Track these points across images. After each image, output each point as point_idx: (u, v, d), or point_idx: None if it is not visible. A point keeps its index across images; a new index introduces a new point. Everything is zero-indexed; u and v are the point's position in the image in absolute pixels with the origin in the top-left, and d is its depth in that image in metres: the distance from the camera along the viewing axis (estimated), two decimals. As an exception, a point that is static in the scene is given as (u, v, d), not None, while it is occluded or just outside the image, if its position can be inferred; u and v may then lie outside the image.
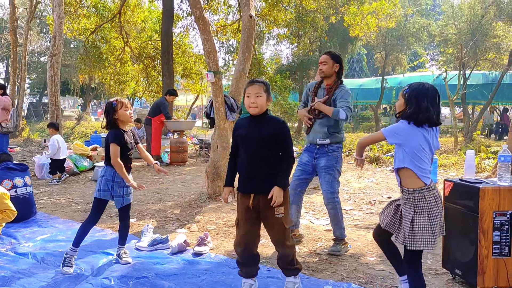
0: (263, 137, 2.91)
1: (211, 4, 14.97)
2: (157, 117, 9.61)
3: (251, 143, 2.96)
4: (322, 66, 4.10)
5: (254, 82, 2.98)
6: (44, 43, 27.35)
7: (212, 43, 5.70)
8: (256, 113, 2.96)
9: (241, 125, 3.08)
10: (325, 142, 4.03)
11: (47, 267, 3.60)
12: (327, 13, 15.77)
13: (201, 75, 17.59)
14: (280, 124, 2.96)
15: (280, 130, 2.92)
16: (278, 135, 2.91)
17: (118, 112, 3.53)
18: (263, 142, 2.91)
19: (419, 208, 2.63)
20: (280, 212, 2.91)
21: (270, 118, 3.02)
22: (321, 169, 4.03)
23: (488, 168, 8.51)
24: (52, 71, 10.69)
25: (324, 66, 4.08)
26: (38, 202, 5.95)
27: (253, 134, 2.95)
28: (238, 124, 3.14)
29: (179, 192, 6.66)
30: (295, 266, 3.07)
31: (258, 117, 2.99)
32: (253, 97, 2.92)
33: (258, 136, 2.92)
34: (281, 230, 2.96)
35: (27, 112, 27.55)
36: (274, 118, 3.05)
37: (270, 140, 2.90)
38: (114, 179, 3.58)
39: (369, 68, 36.77)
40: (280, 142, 2.92)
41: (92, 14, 15.33)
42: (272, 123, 2.96)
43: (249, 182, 2.97)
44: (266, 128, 2.93)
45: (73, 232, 4.57)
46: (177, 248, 3.97)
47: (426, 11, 23.50)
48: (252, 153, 2.96)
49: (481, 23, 16.54)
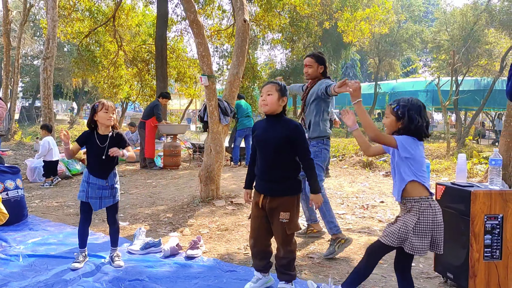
0: (275, 140, 2.92)
1: (206, 8, 15.03)
2: (150, 119, 9.59)
3: (264, 145, 2.99)
4: (307, 69, 4.22)
5: (269, 82, 3.03)
6: (37, 47, 27.24)
7: (206, 47, 5.71)
8: (267, 111, 2.97)
9: (258, 126, 3.11)
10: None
11: (38, 270, 3.57)
12: (321, 19, 15.87)
13: (195, 79, 17.62)
14: (292, 126, 2.94)
15: (292, 132, 2.91)
16: (291, 138, 2.91)
17: (98, 114, 3.55)
18: (275, 145, 2.92)
19: (424, 216, 2.60)
20: (285, 217, 2.92)
21: (284, 120, 3.00)
22: None
23: (480, 173, 8.57)
24: (45, 74, 10.64)
25: (310, 69, 4.21)
26: (29, 205, 5.91)
27: (266, 136, 2.97)
28: (256, 125, 3.16)
29: (172, 196, 6.64)
30: (290, 272, 3.06)
31: (272, 119, 3.00)
32: (264, 95, 2.96)
33: (271, 139, 2.94)
34: (282, 234, 2.97)
35: (20, 116, 27.42)
36: (288, 121, 3.00)
37: (283, 143, 2.90)
38: (89, 181, 3.59)
39: (363, 74, 36.98)
40: (295, 145, 2.93)
41: (86, 18, 15.33)
42: (286, 125, 2.95)
43: (261, 183, 3.03)
44: (279, 130, 2.93)
45: (65, 235, 4.57)
46: (170, 252, 3.95)
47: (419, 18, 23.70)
48: (264, 155, 2.99)
49: (473, 29, 16.70)
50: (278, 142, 2.91)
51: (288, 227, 2.95)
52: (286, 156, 2.94)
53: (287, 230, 2.95)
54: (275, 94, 2.94)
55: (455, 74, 15.57)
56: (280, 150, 2.92)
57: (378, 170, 9.29)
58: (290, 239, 3.02)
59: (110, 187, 3.63)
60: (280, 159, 2.94)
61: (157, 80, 13.77)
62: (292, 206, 2.97)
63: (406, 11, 21.19)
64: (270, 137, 2.94)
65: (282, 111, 3.01)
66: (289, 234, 2.98)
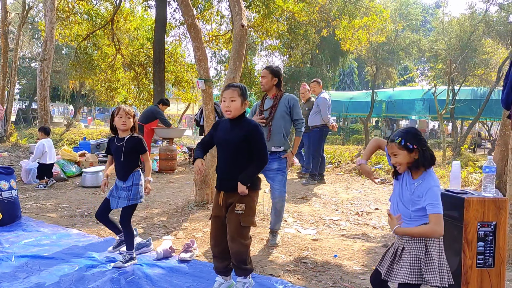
0: (236, 141, 2.96)
1: (204, 14, 15.07)
2: (149, 124, 9.58)
3: (225, 146, 3.04)
4: (262, 79, 4.50)
5: (229, 86, 3.04)
6: (35, 49, 27.21)
7: (203, 51, 5.72)
8: (231, 117, 3.02)
9: (220, 126, 3.13)
10: (279, 149, 4.41)
11: (30, 271, 3.55)
12: (319, 26, 15.94)
13: (192, 84, 17.64)
14: (251, 127, 2.99)
15: (250, 133, 2.95)
16: (249, 136, 2.95)
17: (115, 119, 3.80)
18: (235, 146, 2.97)
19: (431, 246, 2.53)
20: (240, 209, 2.96)
21: (244, 121, 3.05)
22: (275, 171, 4.40)
23: (475, 182, 8.59)
24: (42, 76, 10.63)
25: (264, 80, 4.48)
26: (23, 206, 5.88)
27: (228, 137, 3.01)
28: (219, 124, 3.18)
29: (166, 200, 6.62)
30: (246, 266, 3.07)
31: (234, 121, 3.05)
32: (227, 101, 2.99)
33: (232, 140, 2.98)
34: (236, 226, 2.97)
35: (16, 118, 27.33)
36: (249, 122, 3.05)
37: (243, 142, 2.95)
38: (116, 182, 3.86)
39: (360, 81, 37.08)
40: (251, 144, 2.96)
41: (84, 21, 15.34)
42: (245, 126, 3.00)
43: (222, 182, 3.07)
44: (239, 131, 2.97)
45: (58, 236, 4.55)
46: (163, 254, 3.94)
47: (416, 27, 23.84)
48: (225, 155, 3.04)
49: (471, 39, 16.80)
50: (238, 143, 2.96)
51: (242, 219, 2.97)
52: (246, 155, 2.99)
53: (241, 222, 2.97)
54: (238, 99, 2.99)
55: (452, 83, 15.64)
56: (240, 150, 2.97)
57: (374, 177, 9.29)
58: (244, 233, 3.03)
59: (127, 188, 3.76)
60: (240, 158, 2.99)
61: (154, 84, 13.77)
62: (249, 200, 3.01)
63: (404, 20, 21.30)
64: (231, 138, 2.99)
65: (243, 112, 3.07)
66: (243, 226, 2.99)
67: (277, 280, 3.52)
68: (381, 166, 10.10)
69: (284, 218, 5.55)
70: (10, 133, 15.83)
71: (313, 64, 20.00)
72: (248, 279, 3.10)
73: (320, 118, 7.79)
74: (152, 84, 14.74)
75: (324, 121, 7.78)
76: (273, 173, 4.41)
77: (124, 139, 3.78)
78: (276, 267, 3.87)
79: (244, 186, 2.93)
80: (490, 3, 16.22)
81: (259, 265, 3.87)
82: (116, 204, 3.77)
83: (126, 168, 3.78)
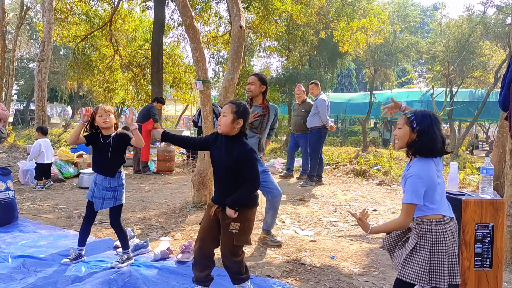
0: (229, 163, 2.89)
1: (203, 15, 15.07)
2: (146, 123, 9.57)
3: (219, 165, 2.99)
4: (250, 86, 4.52)
5: (229, 102, 3.01)
6: (33, 50, 27.19)
7: (202, 52, 5.72)
8: (221, 132, 2.97)
9: (218, 142, 3.04)
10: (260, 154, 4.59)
11: (27, 272, 3.53)
12: (317, 28, 15.95)
13: (190, 85, 17.64)
14: (244, 151, 2.89)
15: (242, 157, 2.87)
16: (240, 162, 2.86)
17: (96, 119, 3.77)
18: (228, 167, 2.91)
19: (423, 241, 2.46)
20: (234, 228, 2.91)
21: (240, 143, 2.95)
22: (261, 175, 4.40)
23: (473, 183, 8.60)
24: (40, 76, 10.61)
25: (252, 86, 4.50)
26: (20, 207, 5.86)
27: (221, 158, 2.95)
28: (215, 138, 3.09)
29: (164, 201, 6.61)
30: (242, 275, 3.04)
31: (229, 140, 2.97)
32: (221, 115, 2.97)
33: (225, 161, 2.92)
34: (229, 244, 2.94)
35: (14, 119, 27.27)
36: (242, 144, 2.95)
37: (236, 165, 2.87)
38: (96, 181, 3.79)
39: (358, 83, 37.15)
40: (243, 169, 2.87)
41: (82, 22, 15.31)
42: (240, 149, 2.90)
43: (216, 195, 3.05)
44: (232, 153, 2.90)
45: (55, 237, 4.54)
46: (160, 255, 3.93)
47: (414, 29, 23.89)
48: (220, 174, 3.00)
49: (468, 41, 16.87)
50: (231, 165, 2.89)
51: (236, 238, 2.92)
52: (237, 177, 2.91)
53: (235, 241, 2.92)
54: (229, 116, 2.91)
55: (450, 85, 15.68)
56: (234, 171, 2.90)
57: (372, 178, 9.30)
58: (237, 252, 2.99)
59: (112, 189, 3.74)
60: (235, 178, 2.92)
61: (152, 85, 13.76)
62: (244, 219, 2.94)
63: (402, 21, 21.35)
64: (225, 159, 2.92)
65: (239, 132, 2.97)
66: (237, 245, 2.95)
67: (275, 281, 3.51)
68: (379, 168, 10.11)
69: (282, 220, 5.55)
70: (7, 133, 15.81)
71: (311, 66, 20.02)
72: (246, 284, 3.07)
73: (319, 120, 7.80)
74: (150, 85, 14.73)
75: (323, 122, 7.79)
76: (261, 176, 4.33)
77: (111, 136, 3.76)
78: (274, 268, 3.86)
79: (231, 210, 2.86)
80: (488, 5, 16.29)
81: (257, 267, 3.86)
82: (100, 205, 3.71)
83: (114, 165, 3.76)
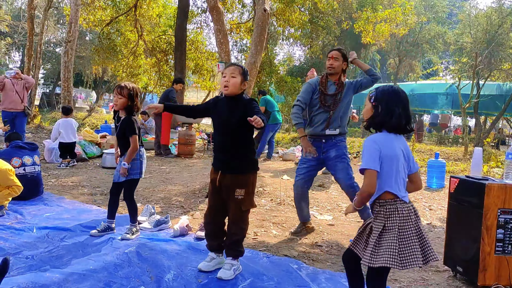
0: (235, 121, 2.94)
1: (226, 1, 15.03)
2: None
3: (224, 126, 3.02)
4: (333, 61, 4.07)
5: (232, 64, 3.04)
6: (60, 34, 27.58)
7: (225, 34, 5.73)
8: (227, 93, 2.99)
9: (219, 105, 3.10)
10: (335, 132, 4.07)
11: (50, 242, 3.64)
12: (340, 17, 15.73)
13: (212, 72, 17.66)
14: (247, 101, 2.98)
15: (246, 107, 2.92)
16: (246, 110, 2.89)
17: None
18: (235, 126, 2.95)
19: (390, 222, 2.28)
20: (240, 194, 2.98)
21: (242, 100, 3.00)
22: (334, 159, 4.06)
23: (497, 176, 8.44)
24: (66, 58, 10.80)
25: (336, 62, 4.08)
26: (45, 183, 6.01)
27: (227, 118, 2.99)
28: (217, 103, 3.13)
29: (184, 182, 6.68)
30: (239, 248, 3.10)
31: (232, 101, 3.01)
32: (227, 76, 2.96)
33: (231, 120, 2.96)
34: (237, 210, 3.01)
35: (40, 102, 27.80)
36: (244, 99, 3.02)
37: (242, 122, 2.87)
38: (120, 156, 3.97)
39: (382, 74, 36.58)
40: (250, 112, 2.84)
41: (108, 7, 15.46)
42: (243, 104, 2.97)
43: (219, 161, 3.08)
44: (238, 111, 2.94)
45: (79, 211, 4.65)
46: (179, 232, 3.99)
47: (442, 19, 23.36)
48: (224, 135, 3.04)
49: (498, 33, 16.42)
50: (237, 123, 2.94)
51: (243, 204, 2.99)
52: (244, 136, 3.00)
53: (242, 207, 3.00)
54: (239, 77, 2.96)
55: (477, 77, 15.32)
56: (239, 131, 2.97)
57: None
58: (244, 217, 3.07)
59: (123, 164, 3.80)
60: (238, 139, 2.99)
61: (175, 71, 13.83)
62: (248, 184, 3.01)
63: (429, 11, 20.90)
64: (231, 119, 2.97)
65: (241, 93, 3.04)
66: (244, 211, 3.03)
67: (292, 260, 3.53)
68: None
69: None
70: (34, 115, 16.15)
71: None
72: (236, 262, 3.12)
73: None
74: (173, 71, 14.81)
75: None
76: (332, 162, 4.08)
77: (121, 119, 3.84)
78: (291, 248, 3.88)
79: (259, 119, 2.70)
80: (519, -5, 15.78)
81: (274, 247, 3.89)
82: (117, 177, 3.86)
83: (125, 146, 3.83)
